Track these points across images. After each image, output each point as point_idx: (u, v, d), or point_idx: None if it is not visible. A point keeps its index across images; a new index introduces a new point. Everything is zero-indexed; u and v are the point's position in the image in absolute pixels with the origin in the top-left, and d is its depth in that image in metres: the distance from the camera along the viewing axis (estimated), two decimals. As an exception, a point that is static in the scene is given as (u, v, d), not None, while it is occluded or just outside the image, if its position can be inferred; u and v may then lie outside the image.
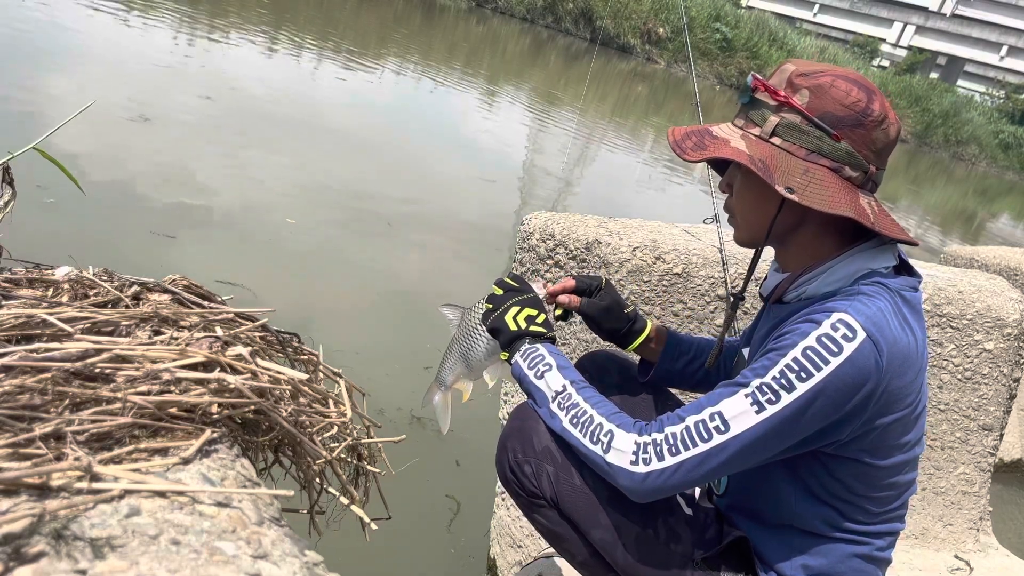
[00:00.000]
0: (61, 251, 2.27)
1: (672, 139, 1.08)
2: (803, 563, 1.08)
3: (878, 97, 1.00)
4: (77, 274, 0.84)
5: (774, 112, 1.02)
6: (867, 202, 1.01)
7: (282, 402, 0.81)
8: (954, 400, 2.04)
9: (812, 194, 0.98)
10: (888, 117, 1.01)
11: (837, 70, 1.02)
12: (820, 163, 1.00)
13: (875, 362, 0.93)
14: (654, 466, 1.00)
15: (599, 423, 1.05)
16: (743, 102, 1.06)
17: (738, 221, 1.12)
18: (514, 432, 1.15)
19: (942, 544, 2.10)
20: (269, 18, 9.71)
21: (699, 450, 0.98)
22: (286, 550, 0.58)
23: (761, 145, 1.02)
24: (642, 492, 1.02)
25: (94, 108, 3.88)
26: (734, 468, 1.00)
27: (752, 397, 0.96)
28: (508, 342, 1.19)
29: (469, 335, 1.24)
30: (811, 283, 1.05)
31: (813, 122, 0.99)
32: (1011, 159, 26.77)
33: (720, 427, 0.97)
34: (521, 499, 1.16)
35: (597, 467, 1.05)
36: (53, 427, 0.60)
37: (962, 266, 3.30)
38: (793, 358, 0.94)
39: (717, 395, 1.00)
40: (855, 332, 0.93)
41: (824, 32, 40.10)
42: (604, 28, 20.82)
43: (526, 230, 1.94)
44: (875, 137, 1.00)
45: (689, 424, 1.00)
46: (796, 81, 1.01)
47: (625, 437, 1.03)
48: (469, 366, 1.24)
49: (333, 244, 3.71)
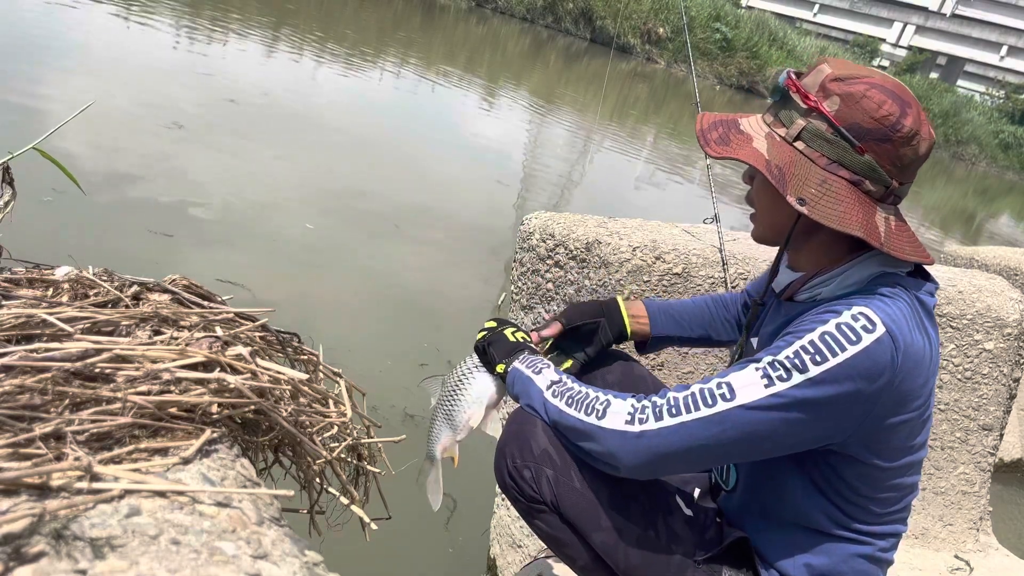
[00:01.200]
0: (61, 251, 2.27)
1: (699, 127, 1.06)
2: (806, 562, 1.08)
3: (912, 111, 0.96)
4: (77, 274, 0.84)
5: (802, 116, 0.99)
6: (883, 218, 0.99)
7: (282, 402, 0.81)
8: (954, 400, 2.04)
9: (824, 208, 0.96)
10: (920, 132, 0.97)
11: (875, 77, 0.97)
12: (839, 174, 0.97)
13: (891, 357, 0.92)
14: (650, 425, 0.98)
15: (595, 396, 1.05)
16: (774, 99, 1.04)
17: (757, 217, 1.11)
18: (511, 438, 1.14)
19: (942, 544, 2.10)
20: (269, 21, 9.70)
21: (700, 414, 0.96)
22: (286, 550, 0.58)
23: (783, 148, 1.00)
24: (634, 455, 0.99)
25: (98, 108, 3.88)
26: (735, 449, 0.98)
27: (763, 371, 0.95)
28: (507, 353, 1.19)
29: (453, 392, 1.24)
30: (827, 285, 1.04)
31: (839, 132, 0.96)
32: (1011, 159, 26.75)
33: (726, 394, 0.95)
34: (521, 505, 1.14)
35: (592, 439, 1.03)
36: (53, 427, 0.60)
37: (962, 266, 3.30)
38: (809, 341, 0.93)
39: (728, 370, 0.99)
40: (875, 325, 0.92)
41: (824, 32, 40.10)
42: (605, 28, 20.81)
43: (526, 230, 1.94)
44: (902, 153, 0.97)
45: (694, 390, 0.98)
46: (830, 86, 0.97)
47: (622, 403, 1.03)
48: (455, 425, 1.23)
49: (333, 243, 3.70)
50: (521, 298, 2.03)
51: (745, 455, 1.02)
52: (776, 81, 1.04)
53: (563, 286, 1.91)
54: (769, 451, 1.00)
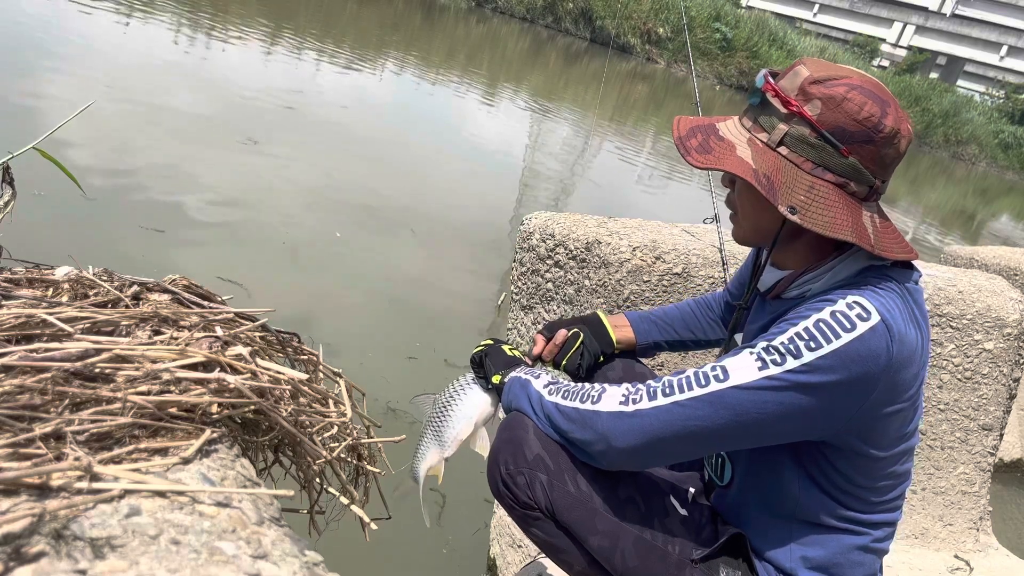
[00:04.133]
0: (61, 251, 2.27)
1: (677, 134, 1.05)
2: (802, 555, 1.08)
3: (892, 110, 0.97)
4: (77, 274, 0.84)
5: (784, 121, 0.98)
6: (868, 217, 1.00)
7: (282, 402, 0.80)
8: (954, 400, 2.04)
9: (815, 215, 0.96)
10: (900, 131, 0.98)
11: (853, 78, 0.98)
12: (825, 178, 0.98)
13: (886, 346, 0.93)
14: (643, 405, 1.00)
15: (591, 387, 1.08)
16: (752, 103, 1.03)
17: (739, 220, 1.11)
18: (504, 444, 1.13)
19: (942, 544, 2.09)
20: (268, 23, 9.70)
21: (693, 394, 0.97)
22: (286, 550, 0.58)
23: (767, 155, 0.99)
24: (627, 434, 1.00)
25: (97, 108, 3.88)
26: (727, 432, 0.97)
27: (757, 355, 0.95)
28: (505, 364, 1.23)
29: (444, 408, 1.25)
30: (815, 282, 1.04)
31: (823, 136, 0.96)
32: (1011, 159, 26.75)
33: (719, 376, 0.96)
34: (515, 512, 1.14)
35: (586, 424, 1.04)
36: (53, 427, 0.60)
37: (962, 266, 3.30)
38: (804, 327, 0.94)
39: (723, 357, 1.00)
40: (870, 314, 0.93)
41: (824, 32, 40.10)
42: (604, 28, 20.81)
43: (526, 230, 1.94)
44: (884, 153, 0.98)
45: (688, 373, 1.00)
46: (810, 89, 0.97)
47: (616, 388, 1.05)
48: (443, 441, 1.24)
49: (333, 243, 3.70)
50: (521, 298, 2.03)
51: (738, 441, 1.01)
52: (754, 84, 1.03)
53: (563, 286, 1.91)
54: (761, 437, 1.00)
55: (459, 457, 1.25)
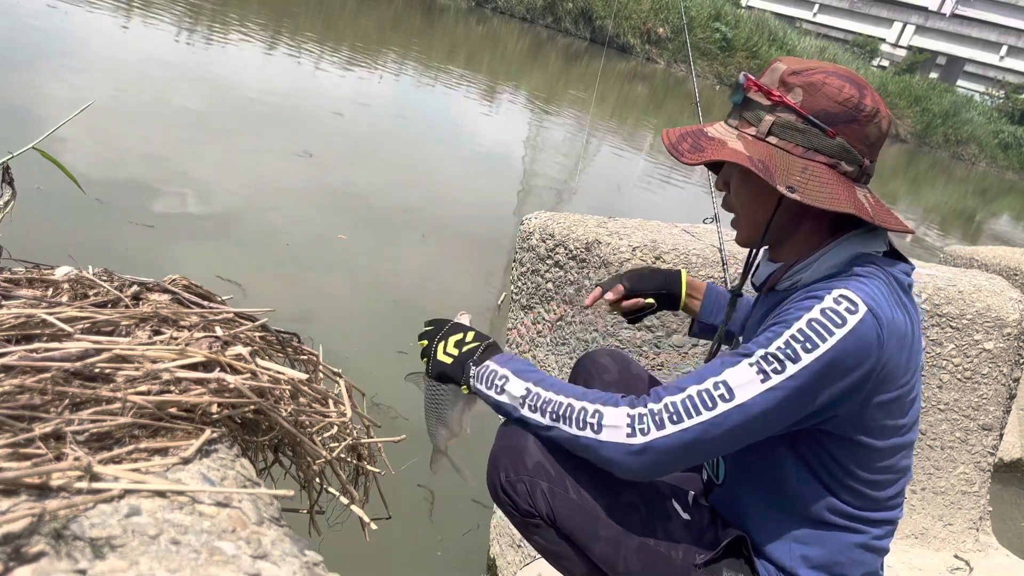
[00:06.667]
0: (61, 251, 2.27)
1: (668, 142, 1.08)
2: (803, 554, 1.08)
3: (869, 92, 1.02)
4: (77, 274, 0.84)
5: (769, 112, 1.03)
6: (863, 195, 1.03)
7: (282, 402, 0.80)
8: (954, 400, 2.04)
9: (813, 192, 0.99)
10: (880, 111, 1.02)
11: (827, 66, 1.03)
12: (817, 160, 1.01)
13: (877, 335, 0.95)
14: (653, 435, 0.97)
15: (582, 408, 1.02)
16: (736, 102, 1.07)
17: (740, 219, 1.12)
18: (503, 451, 1.12)
19: (942, 544, 2.09)
20: (267, 21, 9.70)
21: (703, 418, 0.96)
22: (286, 550, 0.58)
23: (758, 145, 1.02)
24: (640, 465, 0.99)
25: (98, 107, 3.88)
26: (735, 443, 0.99)
27: (757, 366, 0.95)
28: (457, 374, 1.15)
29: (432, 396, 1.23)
30: (805, 271, 1.06)
31: (808, 120, 1.01)
32: (1011, 159, 26.74)
33: (725, 395, 0.96)
34: (516, 519, 1.13)
35: (591, 452, 1.02)
36: (53, 427, 0.60)
37: (962, 266, 3.30)
38: (798, 329, 0.95)
39: (719, 365, 0.98)
40: (857, 306, 0.95)
41: (824, 32, 40.08)
42: (604, 27, 20.81)
43: (526, 230, 1.94)
44: (868, 131, 1.02)
45: (691, 393, 0.97)
46: (789, 80, 1.02)
47: (615, 412, 1.00)
48: (448, 424, 1.22)
49: (333, 243, 3.70)
50: (521, 298, 2.03)
51: (743, 443, 1.02)
52: (736, 82, 1.07)
53: (563, 286, 1.91)
54: (766, 435, 1.01)
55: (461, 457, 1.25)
